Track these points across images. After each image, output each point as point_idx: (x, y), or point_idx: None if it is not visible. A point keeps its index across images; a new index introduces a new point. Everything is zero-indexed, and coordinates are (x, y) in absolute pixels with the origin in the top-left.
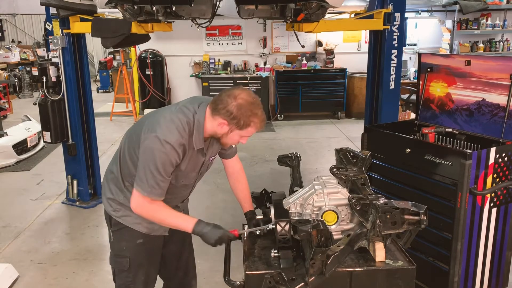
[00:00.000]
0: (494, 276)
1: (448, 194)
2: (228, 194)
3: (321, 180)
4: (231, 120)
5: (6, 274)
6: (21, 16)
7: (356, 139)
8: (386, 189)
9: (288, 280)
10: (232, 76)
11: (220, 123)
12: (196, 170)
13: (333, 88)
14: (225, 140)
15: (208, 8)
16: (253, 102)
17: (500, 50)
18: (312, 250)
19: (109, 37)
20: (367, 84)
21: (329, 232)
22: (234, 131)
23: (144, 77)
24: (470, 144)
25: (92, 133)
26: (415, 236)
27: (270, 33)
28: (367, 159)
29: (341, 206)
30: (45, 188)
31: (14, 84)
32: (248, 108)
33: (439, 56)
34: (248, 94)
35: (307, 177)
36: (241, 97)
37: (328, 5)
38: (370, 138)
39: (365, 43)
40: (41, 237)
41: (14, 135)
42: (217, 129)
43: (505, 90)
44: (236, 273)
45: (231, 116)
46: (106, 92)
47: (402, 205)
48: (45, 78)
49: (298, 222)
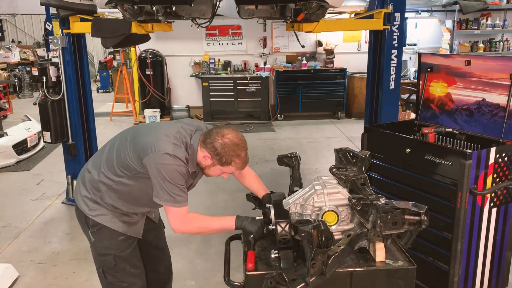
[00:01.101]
0: (494, 276)
1: (448, 194)
2: (228, 194)
3: (321, 180)
4: (215, 156)
5: (6, 274)
6: (21, 16)
7: (356, 139)
8: (386, 189)
9: (289, 281)
10: (232, 76)
11: (205, 156)
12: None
13: (333, 88)
14: (207, 172)
15: (208, 8)
16: (238, 144)
17: (500, 50)
18: (313, 251)
19: (109, 37)
20: (367, 84)
21: (330, 232)
22: (216, 165)
23: (144, 77)
24: (470, 144)
25: (92, 133)
26: (415, 236)
27: (270, 33)
28: (366, 159)
29: (342, 206)
30: (45, 188)
31: (14, 84)
32: (232, 149)
33: (439, 56)
34: (235, 135)
35: (307, 177)
36: (228, 137)
37: (328, 5)
38: (370, 138)
39: (365, 43)
40: (41, 237)
41: (14, 135)
42: (202, 160)
43: (505, 90)
44: (236, 273)
45: (215, 152)
46: (106, 92)
47: (403, 205)
48: (45, 78)
49: (299, 222)
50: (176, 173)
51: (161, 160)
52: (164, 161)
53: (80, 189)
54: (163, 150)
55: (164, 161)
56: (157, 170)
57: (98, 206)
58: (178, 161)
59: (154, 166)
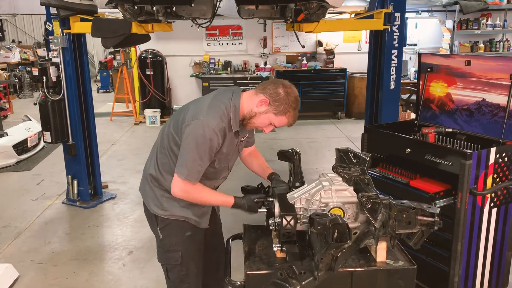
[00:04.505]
0: (494, 276)
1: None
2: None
3: (328, 177)
4: (273, 102)
5: (6, 274)
6: (21, 16)
7: (356, 139)
8: (386, 189)
9: (298, 274)
10: (232, 76)
11: (261, 100)
12: (232, 152)
13: (333, 88)
14: (254, 120)
15: (209, 8)
16: (297, 100)
17: (500, 50)
18: (326, 245)
19: (109, 37)
20: (367, 84)
21: (346, 227)
22: (269, 113)
23: (144, 77)
24: (470, 144)
25: (93, 133)
26: (425, 238)
27: (270, 33)
28: (368, 160)
29: (348, 204)
30: (46, 188)
31: (14, 84)
32: (292, 100)
33: (439, 56)
34: (294, 90)
35: (308, 177)
36: (292, 90)
37: (328, 5)
38: (370, 138)
39: (365, 43)
40: (42, 237)
41: (15, 135)
42: (255, 106)
43: (505, 90)
44: (237, 273)
45: (277, 98)
46: (107, 92)
47: (417, 205)
48: (45, 78)
49: (315, 214)
50: (203, 145)
51: (195, 128)
52: (196, 130)
53: (145, 188)
54: (198, 119)
55: (196, 130)
56: (186, 138)
57: (169, 206)
58: (210, 131)
59: (187, 133)
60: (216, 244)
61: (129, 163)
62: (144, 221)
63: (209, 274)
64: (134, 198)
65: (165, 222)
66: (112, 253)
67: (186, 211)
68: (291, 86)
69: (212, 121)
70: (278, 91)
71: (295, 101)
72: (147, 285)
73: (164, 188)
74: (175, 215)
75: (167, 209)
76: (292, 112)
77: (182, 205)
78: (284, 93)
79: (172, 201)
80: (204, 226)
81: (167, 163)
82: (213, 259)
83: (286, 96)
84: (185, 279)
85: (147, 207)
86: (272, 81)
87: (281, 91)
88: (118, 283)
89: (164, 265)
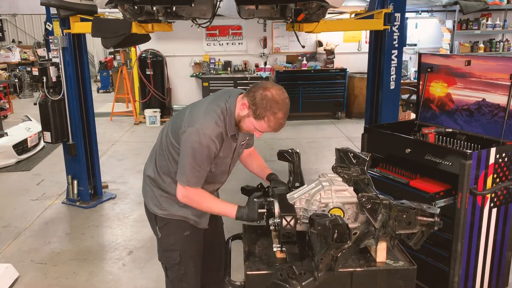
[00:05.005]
0: (494, 276)
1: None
2: (228, 196)
3: (328, 177)
4: (252, 105)
5: (6, 274)
6: (21, 16)
7: (356, 139)
8: (386, 189)
9: (298, 274)
10: (232, 76)
11: (243, 104)
12: (230, 156)
13: (334, 88)
14: (242, 124)
15: (209, 8)
16: (278, 102)
17: (500, 50)
18: (326, 245)
19: (109, 37)
20: (367, 84)
21: (346, 227)
22: (250, 117)
23: (144, 77)
24: (470, 144)
25: (93, 133)
26: (425, 238)
27: (270, 33)
28: (368, 160)
29: (348, 204)
30: (46, 188)
31: (14, 84)
32: (269, 104)
33: (439, 56)
34: (279, 93)
35: (307, 178)
36: (271, 92)
37: (328, 5)
38: (370, 138)
39: (365, 43)
40: (42, 237)
41: (15, 135)
42: (240, 110)
43: (505, 90)
44: (237, 274)
45: (253, 102)
46: (107, 92)
47: (417, 205)
48: (45, 78)
49: (315, 215)
50: (200, 152)
51: (191, 135)
52: (193, 137)
53: (148, 194)
54: (194, 126)
55: (193, 137)
56: (184, 145)
57: (168, 206)
58: (206, 138)
59: (184, 140)
60: (218, 243)
61: (129, 163)
62: (144, 221)
63: (210, 274)
64: (134, 198)
65: (164, 222)
66: (112, 253)
67: (185, 211)
68: (276, 89)
69: (207, 128)
70: (255, 94)
71: (272, 105)
72: (147, 285)
73: (162, 189)
74: (174, 215)
75: (166, 209)
76: (271, 117)
77: (181, 205)
78: (260, 97)
79: (171, 200)
80: (203, 226)
81: (165, 166)
82: (214, 259)
83: (261, 100)
84: (184, 278)
85: (147, 207)
86: (258, 83)
87: (257, 95)
88: (118, 283)
89: (163, 264)
